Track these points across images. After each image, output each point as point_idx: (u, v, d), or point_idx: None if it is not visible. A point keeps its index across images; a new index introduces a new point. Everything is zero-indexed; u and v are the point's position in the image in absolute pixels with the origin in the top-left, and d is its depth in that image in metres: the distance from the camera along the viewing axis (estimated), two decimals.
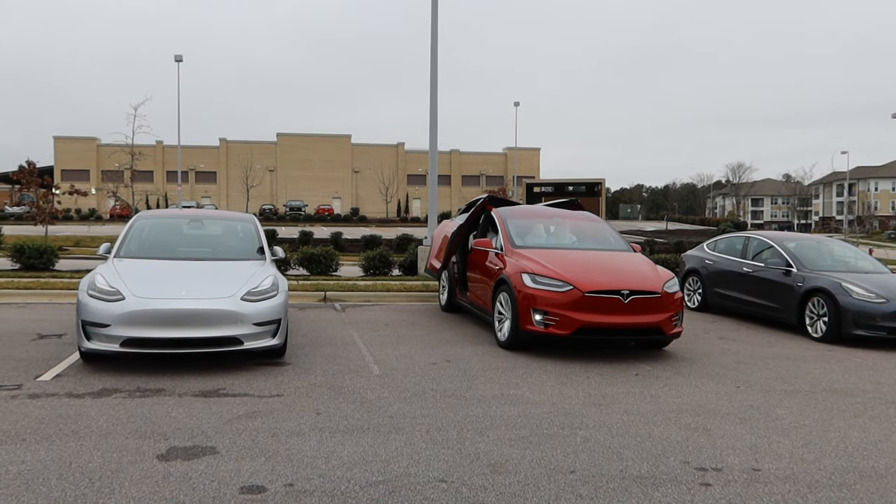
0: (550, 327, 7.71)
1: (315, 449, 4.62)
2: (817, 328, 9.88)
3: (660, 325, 7.86)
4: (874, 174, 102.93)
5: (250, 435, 4.86)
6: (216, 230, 8.95)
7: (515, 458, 4.57)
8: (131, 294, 6.46)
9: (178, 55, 40.12)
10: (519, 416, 5.52)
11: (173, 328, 6.37)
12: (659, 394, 6.42)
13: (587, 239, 9.65)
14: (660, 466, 4.50)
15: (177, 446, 4.59)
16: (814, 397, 6.49)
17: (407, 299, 12.89)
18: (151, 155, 74.60)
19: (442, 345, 8.47)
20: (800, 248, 11.10)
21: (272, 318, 6.82)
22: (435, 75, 16.69)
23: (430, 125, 16.84)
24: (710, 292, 12.39)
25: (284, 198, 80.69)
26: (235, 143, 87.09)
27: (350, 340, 8.56)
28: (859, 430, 5.46)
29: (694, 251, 13.69)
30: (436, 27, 16.57)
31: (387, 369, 7.04)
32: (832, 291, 9.68)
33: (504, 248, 8.96)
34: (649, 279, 8.06)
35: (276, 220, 60.60)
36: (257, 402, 5.68)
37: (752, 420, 5.65)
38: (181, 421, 5.12)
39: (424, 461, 4.46)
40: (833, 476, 4.44)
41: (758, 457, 4.75)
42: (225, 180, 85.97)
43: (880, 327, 9.32)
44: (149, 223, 8.55)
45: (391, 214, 78.30)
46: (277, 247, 8.68)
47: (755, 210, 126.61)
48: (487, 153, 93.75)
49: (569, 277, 7.81)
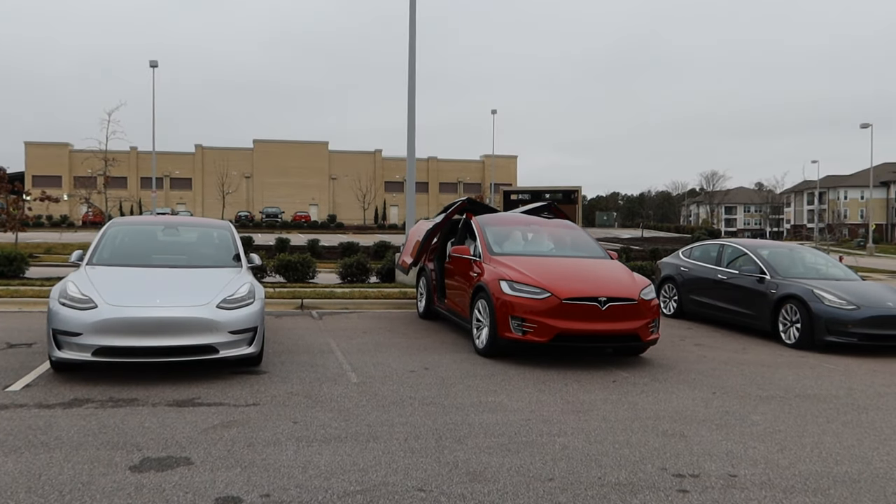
0: (528, 334, 7.72)
1: (292, 458, 4.57)
2: (790, 334, 10.01)
3: (637, 332, 7.91)
4: (843, 183, 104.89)
5: (226, 445, 4.79)
6: (191, 237, 8.84)
7: (494, 466, 4.56)
8: (104, 302, 6.35)
9: (154, 60, 39.72)
10: (497, 424, 5.51)
11: (147, 337, 6.27)
12: (636, 400, 6.45)
13: (565, 246, 9.70)
14: (638, 473, 4.52)
15: (150, 457, 4.51)
16: (788, 403, 6.57)
17: (385, 307, 12.84)
18: (125, 161, 73.71)
19: (420, 352, 8.44)
20: (773, 256, 11.25)
21: (248, 326, 6.74)
22: (413, 83, 16.70)
23: (408, 132, 16.84)
24: (685, 299, 12.51)
25: (261, 204, 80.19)
26: (211, 149, 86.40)
27: (327, 348, 8.49)
28: (832, 436, 5.53)
29: (669, 258, 13.82)
30: (413, 35, 16.59)
31: (364, 377, 7.00)
32: (805, 298, 9.83)
33: (482, 256, 8.97)
34: (626, 286, 8.11)
35: (252, 227, 60.12)
36: (233, 412, 5.60)
37: (728, 426, 5.70)
38: (155, 431, 5.03)
39: (403, 470, 4.43)
40: (808, 481, 4.49)
41: (734, 463, 4.79)
42: (200, 187, 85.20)
43: (851, 333, 9.47)
44: (122, 230, 8.42)
45: (369, 221, 78.12)
46: (254, 254, 8.60)
47: (729, 218, 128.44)
48: (465, 160, 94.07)
49: (546, 284, 7.83)
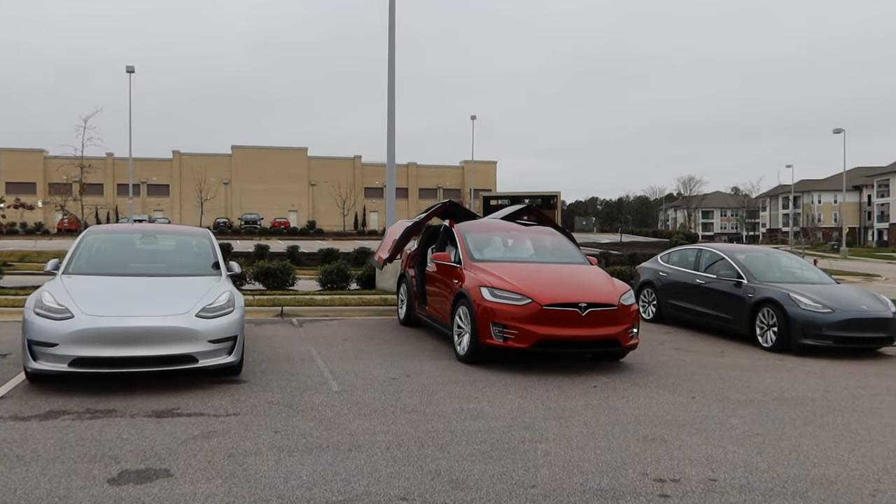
0: (510, 341, 7.74)
1: (273, 469, 4.53)
2: (768, 338, 10.14)
3: (617, 337, 7.96)
4: (817, 187, 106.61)
5: (206, 456, 4.74)
6: (170, 245, 8.76)
7: (477, 473, 4.56)
8: (80, 312, 6.26)
9: (130, 66, 39.33)
10: (479, 431, 5.52)
11: (125, 347, 6.19)
12: (617, 406, 6.49)
13: (545, 252, 9.75)
14: (619, 479, 4.54)
15: (129, 469, 4.45)
16: (766, 406, 6.65)
17: (365, 313, 12.80)
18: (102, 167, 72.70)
19: (401, 359, 8.42)
20: (749, 260, 11.40)
21: (228, 335, 6.69)
22: (392, 89, 16.70)
23: (388, 138, 16.83)
24: (664, 304, 12.62)
25: (239, 211, 79.56)
26: (189, 155, 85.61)
27: (308, 356, 8.45)
28: (810, 438, 5.61)
29: (648, 263, 13.94)
30: (393, 40, 16.60)
31: (346, 385, 6.97)
32: (781, 302, 9.96)
33: (463, 262, 8.98)
34: (606, 292, 8.17)
35: (230, 233, 59.55)
36: (213, 422, 5.55)
37: (707, 430, 5.75)
38: (133, 443, 4.97)
39: (385, 479, 4.42)
40: (786, 484, 4.55)
41: (714, 467, 4.84)
42: (178, 193, 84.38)
43: (827, 336, 9.61)
44: (99, 238, 8.31)
45: (348, 227, 77.78)
46: (233, 262, 8.53)
47: (706, 222, 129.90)
48: (445, 166, 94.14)
49: (527, 291, 7.86)
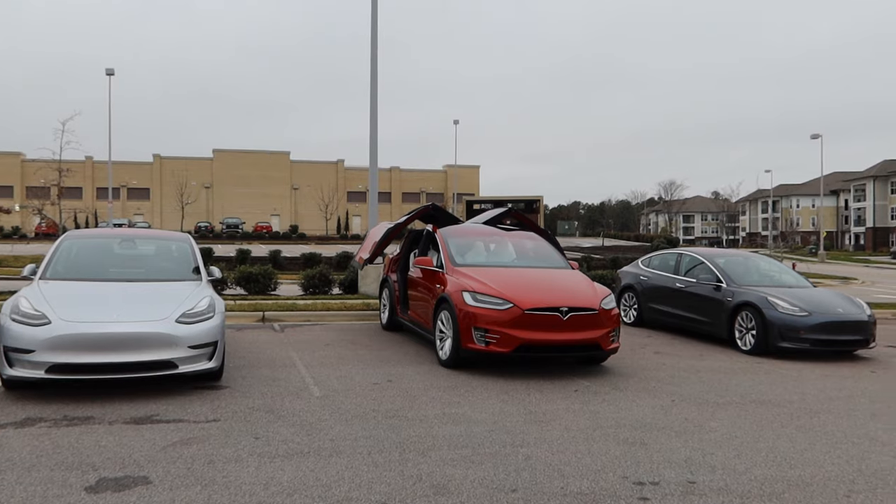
0: (491, 345, 7.76)
1: (253, 475, 4.51)
2: (746, 341, 10.25)
3: (598, 341, 8.01)
4: (795, 192, 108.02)
5: (185, 463, 4.71)
6: (149, 250, 8.69)
7: (458, 478, 4.57)
8: (58, 318, 6.19)
9: (110, 68, 38.90)
10: (461, 436, 5.53)
11: (103, 353, 6.13)
12: (598, 409, 6.53)
13: (527, 257, 9.79)
14: (599, 482, 4.57)
15: (106, 477, 4.40)
16: (744, 409, 6.73)
17: (347, 318, 12.77)
18: (80, 171, 72.00)
19: (383, 364, 8.42)
20: (728, 264, 11.52)
21: (208, 341, 6.64)
22: (375, 93, 16.70)
23: (370, 142, 16.83)
24: (645, 307, 12.72)
25: (221, 215, 79.03)
26: (170, 158, 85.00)
27: (289, 361, 8.41)
28: (787, 440, 5.68)
29: (629, 267, 14.04)
30: (375, 45, 16.61)
31: (327, 391, 6.95)
32: (759, 306, 10.08)
33: (445, 267, 8.99)
34: (587, 296, 8.22)
35: (212, 237, 59.15)
36: (193, 428, 5.51)
37: (687, 433, 5.81)
38: (111, 450, 4.92)
39: (366, 484, 4.41)
40: (763, 486, 4.60)
41: (693, 469, 4.88)
42: (159, 197, 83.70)
43: (804, 339, 9.74)
44: (77, 243, 8.23)
45: (331, 231, 77.55)
46: (214, 266, 8.48)
47: (687, 226, 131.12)
48: (427, 170, 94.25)
49: (509, 295, 7.89)
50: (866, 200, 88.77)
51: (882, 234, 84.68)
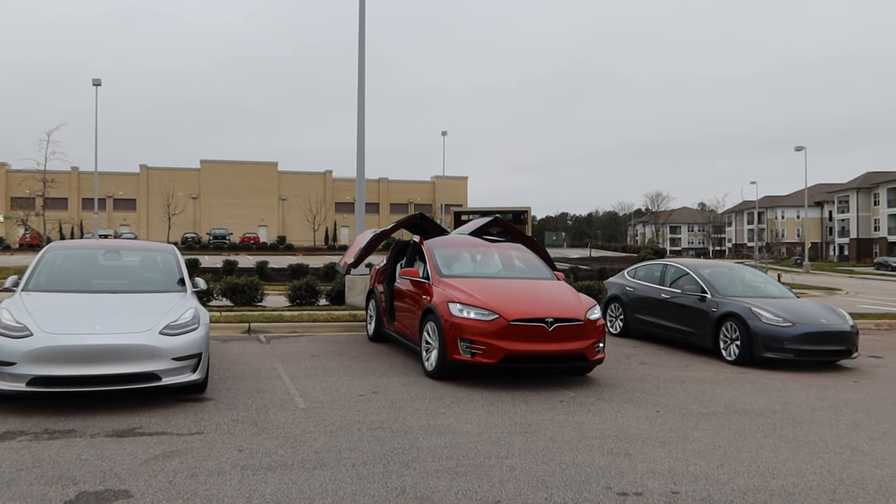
0: (477, 356, 7.76)
1: (236, 488, 4.48)
2: (731, 351, 10.32)
3: (583, 352, 8.04)
4: (781, 203, 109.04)
5: (167, 476, 4.67)
6: (134, 261, 8.64)
7: (442, 490, 4.56)
8: (40, 330, 6.14)
9: (97, 79, 38.78)
10: (446, 447, 5.52)
11: (86, 365, 6.07)
12: (583, 420, 6.55)
13: (513, 268, 9.81)
14: (583, 493, 4.58)
15: (87, 491, 4.36)
16: (728, 419, 6.77)
17: (334, 329, 12.73)
18: (66, 182, 71.58)
19: (369, 375, 8.40)
20: (713, 275, 11.61)
21: (192, 353, 6.60)
22: (362, 104, 16.74)
23: (358, 153, 16.85)
24: (631, 318, 12.77)
25: (208, 226, 78.71)
26: (157, 169, 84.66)
27: (275, 373, 8.37)
28: (769, 450, 5.72)
29: (615, 278, 14.10)
30: (363, 56, 16.67)
31: (312, 402, 6.92)
32: (744, 316, 10.16)
33: (431, 278, 9.00)
34: (572, 307, 8.25)
35: (199, 248, 58.85)
36: (175, 441, 5.47)
37: (670, 443, 5.83)
38: (92, 463, 4.87)
39: (350, 497, 4.39)
40: (746, 496, 4.63)
41: (676, 479, 4.90)
42: (145, 208, 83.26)
43: (788, 350, 9.82)
44: (61, 254, 8.17)
45: (319, 243, 77.36)
46: (199, 278, 8.45)
47: (673, 237, 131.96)
48: (415, 181, 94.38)
49: (495, 306, 7.91)
50: (850, 212, 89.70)
51: (865, 245, 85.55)
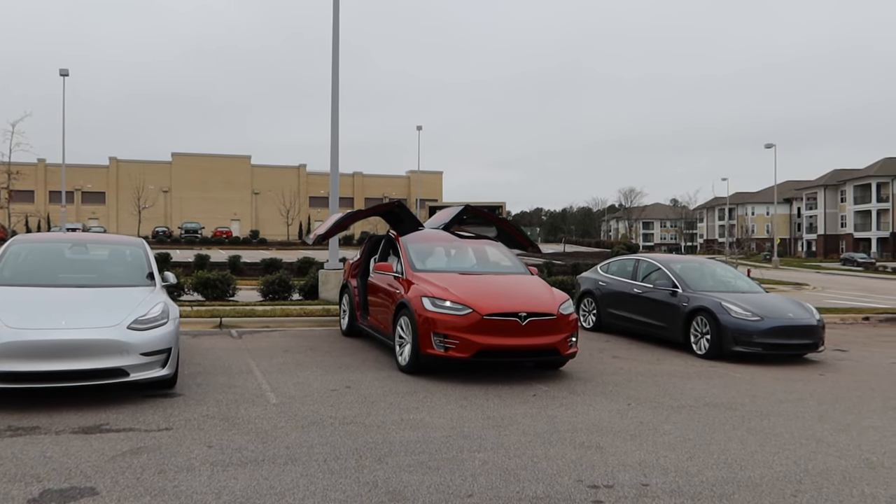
0: (451, 350, 7.76)
1: (205, 485, 4.43)
2: (701, 346, 10.45)
3: (556, 346, 8.08)
4: (751, 199, 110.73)
5: (135, 473, 4.59)
6: (101, 255, 8.47)
7: (414, 484, 4.55)
8: (4, 325, 5.99)
9: (64, 69, 37.90)
10: (418, 441, 5.51)
11: (51, 360, 5.95)
12: (555, 414, 6.58)
13: (486, 262, 9.83)
14: (554, 486, 4.60)
15: (51, 489, 4.27)
16: (698, 412, 6.85)
17: (307, 324, 12.64)
18: (32, 174, 70.00)
19: (342, 370, 8.35)
20: (684, 270, 11.74)
21: (161, 348, 6.51)
22: (336, 97, 16.61)
23: (332, 146, 16.72)
24: (603, 313, 12.87)
25: (180, 220, 77.51)
26: (127, 162, 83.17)
27: (246, 368, 8.29)
28: (738, 442, 5.80)
29: (588, 273, 14.20)
30: (337, 48, 16.53)
31: (284, 398, 6.86)
32: (714, 311, 10.29)
33: (404, 272, 8.98)
34: (545, 301, 8.28)
35: (170, 242, 57.97)
36: (144, 437, 5.38)
37: (641, 436, 5.89)
38: (57, 461, 4.78)
39: (321, 492, 4.36)
40: (714, 487, 4.69)
41: (646, 472, 4.95)
42: (115, 201, 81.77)
43: (756, 343, 9.97)
44: (26, 248, 7.99)
45: (292, 237, 76.72)
46: (169, 272, 8.31)
47: (646, 233, 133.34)
48: (390, 176, 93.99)
49: (468, 301, 7.91)
50: (818, 208, 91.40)
51: (832, 241, 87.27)
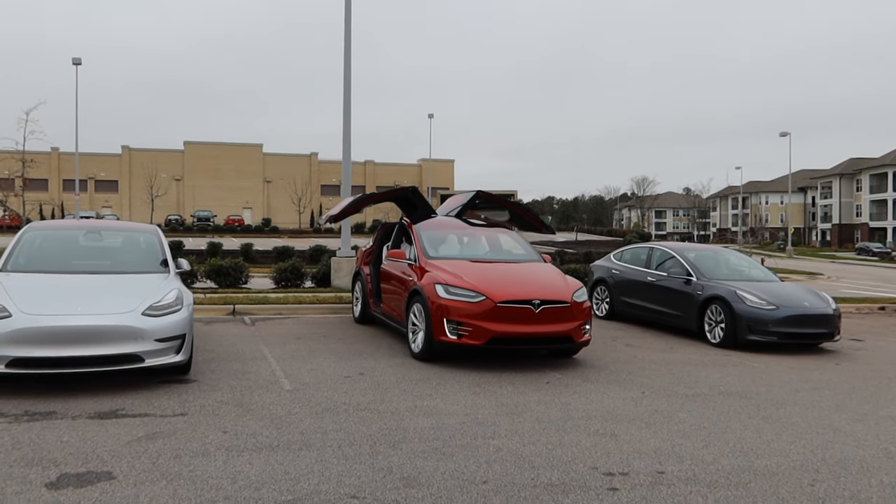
0: (464, 338, 7.75)
1: (221, 469, 4.44)
2: (715, 334, 10.38)
3: (570, 334, 8.05)
4: (765, 188, 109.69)
5: (150, 457, 4.62)
6: (116, 242, 8.51)
7: (428, 470, 4.55)
8: (19, 311, 6.03)
9: (77, 58, 38.02)
10: (432, 428, 5.50)
11: (67, 346, 5.98)
12: (569, 401, 6.56)
13: (499, 250, 9.79)
14: (569, 473, 4.59)
15: (68, 473, 4.30)
16: (713, 400, 6.81)
17: (320, 311, 12.67)
18: (46, 162, 70.43)
19: (355, 357, 8.36)
20: (699, 259, 11.65)
21: (176, 334, 6.53)
22: (348, 86, 16.56)
23: (344, 135, 16.69)
24: (617, 301, 12.81)
25: (192, 208, 77.88)
26: (139, 150, 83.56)
27: (260, 355, 8.31)
28: (753, 431, 5.76)
29: (601, 261, 14.13)
30: (349, 37, 16.47)
31: (298, 384, 6.88)
32: (728, 299, 10.21)
33: (418, 259, 8.96)
34: (559, 289, 8.24)
35: (183, 230, 58.32)
36: (159, 423, 5.41)
37: (656, 424, 5.85)
38: (74, 445, 4.81)
39: (336, 477, 4.37)
40: (730, 475, 4.65)
41: (661, 460, 4.92)
42: (128, 189, 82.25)
43: (772, 332, 9.89)
44: (40, 235, 8.03)
45: (304, 225, 76.92)
46: (182, 259, 8.34)
47: (659, 222, 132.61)
48: (402, 164, 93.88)
49: (481, 288, 7.88)
50: (833, 198, 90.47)
51: (847, 230, 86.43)
